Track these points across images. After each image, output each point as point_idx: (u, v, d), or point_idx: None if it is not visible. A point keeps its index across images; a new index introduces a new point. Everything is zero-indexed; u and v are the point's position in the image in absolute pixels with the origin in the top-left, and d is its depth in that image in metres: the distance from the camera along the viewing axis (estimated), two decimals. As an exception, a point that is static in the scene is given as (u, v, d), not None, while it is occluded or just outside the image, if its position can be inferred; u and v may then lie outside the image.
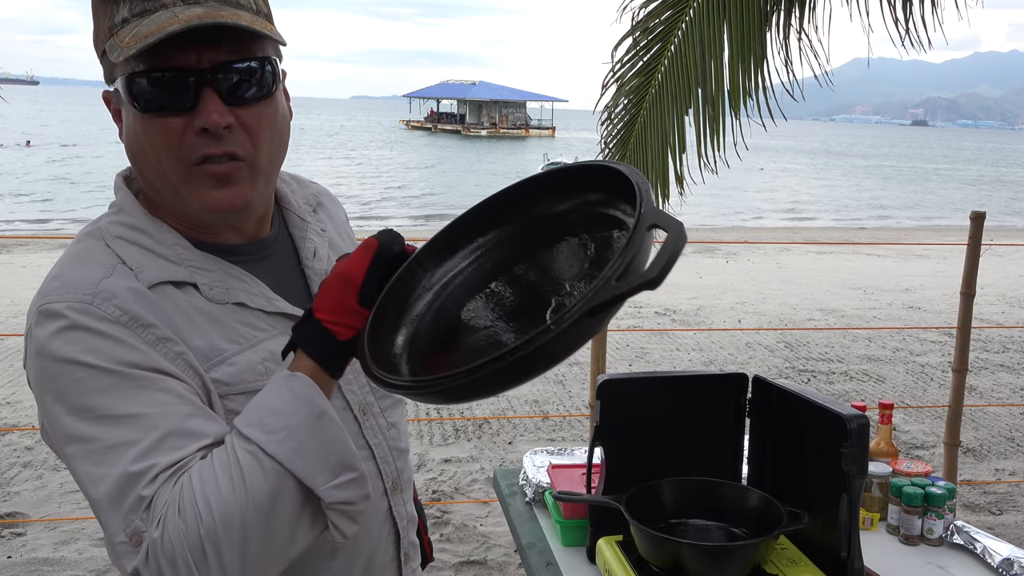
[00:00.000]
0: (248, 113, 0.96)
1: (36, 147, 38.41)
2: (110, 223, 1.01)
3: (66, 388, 0.90)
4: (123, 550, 0.87)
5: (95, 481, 0.88)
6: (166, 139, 0.94)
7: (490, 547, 3.73)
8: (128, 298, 0.93)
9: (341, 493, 0.90)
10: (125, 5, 0.93)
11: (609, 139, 4.56)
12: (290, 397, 0.89)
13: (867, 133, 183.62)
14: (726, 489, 1.66)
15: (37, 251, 12.18)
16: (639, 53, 4.35)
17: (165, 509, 0.86)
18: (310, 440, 0.88)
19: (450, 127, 74.98)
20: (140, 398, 0.90)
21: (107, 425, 0.88)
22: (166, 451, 0.88)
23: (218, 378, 0.97)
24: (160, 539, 0.85)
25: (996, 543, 1.79)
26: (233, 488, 0.86)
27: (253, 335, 1.01)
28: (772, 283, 10.99)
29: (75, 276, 0.94)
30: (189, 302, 0.98)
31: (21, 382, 6.00)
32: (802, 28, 4.13)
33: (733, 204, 26.24)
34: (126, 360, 0.90)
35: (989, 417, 5.77)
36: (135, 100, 0.94)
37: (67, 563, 3.51)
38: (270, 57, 0.98)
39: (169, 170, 0.96)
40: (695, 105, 4.14)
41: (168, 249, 0.99)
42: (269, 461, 0.87)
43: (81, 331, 0.91)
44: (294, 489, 0.88)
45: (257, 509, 0.86)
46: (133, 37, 0.90)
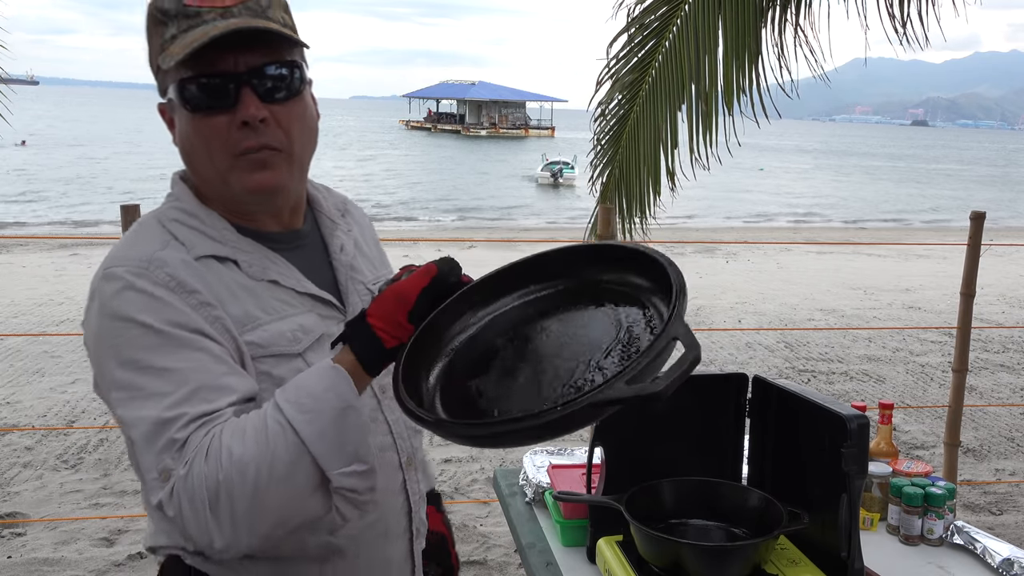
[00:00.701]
0: (281, 109, 1.11)
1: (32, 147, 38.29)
2: (168, 208, 1.18)
3: (118, 341, 1.05)
4: (152, 485, 1.01)
5: (134, 423, 1.02)
6: (213, 134, 1.10)
7: (490, 547, 3.73)
8: (178, 267, 1.08)
9: (349, 480, 1.02)
10: (173, 24, 1.08)
11: (602, 135, 4.55)
12: (327, 385, 1.02)
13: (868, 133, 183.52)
14: (726, 489, 1.66)
15: (37, 251, 12.18)
16: (634, 49, 4.35)
17: (195, 452, 0.98)
18: (333, 428, 1.00)
19: (450, 127, 74.93)
20: (179, 355, 1.03)
21: (148, 376, 1.02)
22: (197, 402, 1.01)
23: (252, 340, 1.11)
24: (184, 477, 0.98)
25: (996, 543, 1.79)
26: (258, 449, 0.98)
27: (284, 309, 1.15)
28: (772, 283, 10.99)
29: (135, 247, 1.10)
30: (230, 276, 1.13)
31: (21, 382, 6.00)
32: (798, 25, 4.12)
33: (733, 204, 26.25)
34: (172, 320, 1.05)
35: (989, 417, 5.77)
36: (185, 103, 1.10)
37: (67, 563, 3.51)
38: (298, 61, 1.14)
39: (217, 161, 1.11)
40: (688, 101, 4.12)
41: (215, 231, 1.15)
42: (294, 436, 0.99)
43: (136, 292, 1.05)
44: (309, 466, 0.99)
45: (272, 473, 0.98)
46: (180, 46, 1.06)
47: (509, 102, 75.61)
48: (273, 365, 1.11)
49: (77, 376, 6.16)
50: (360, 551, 1.21)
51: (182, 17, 1.08)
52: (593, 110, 4.48)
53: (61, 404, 5.55)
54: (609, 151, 4.53)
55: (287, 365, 1.12)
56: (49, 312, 8.12)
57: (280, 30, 1.09)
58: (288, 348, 1.12)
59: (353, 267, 1.28)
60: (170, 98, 1.14)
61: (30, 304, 8.44)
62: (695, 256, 13.26)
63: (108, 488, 4.30)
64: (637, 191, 4.35)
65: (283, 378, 1.09)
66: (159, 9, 1.09)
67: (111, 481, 4.37)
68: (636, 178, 4.34)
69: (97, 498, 4.18)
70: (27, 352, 6.75)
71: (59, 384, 5.97)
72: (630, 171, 4.38)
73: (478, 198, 27.22)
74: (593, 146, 4.62)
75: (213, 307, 1.08)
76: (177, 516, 0.99)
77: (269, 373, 1.11)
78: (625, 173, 4.41)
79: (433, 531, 1.51)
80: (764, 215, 24.88)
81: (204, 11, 1.08)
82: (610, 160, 4.52)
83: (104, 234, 15.05)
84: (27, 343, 6.98)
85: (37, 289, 9.24)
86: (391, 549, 1.27)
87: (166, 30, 1.09)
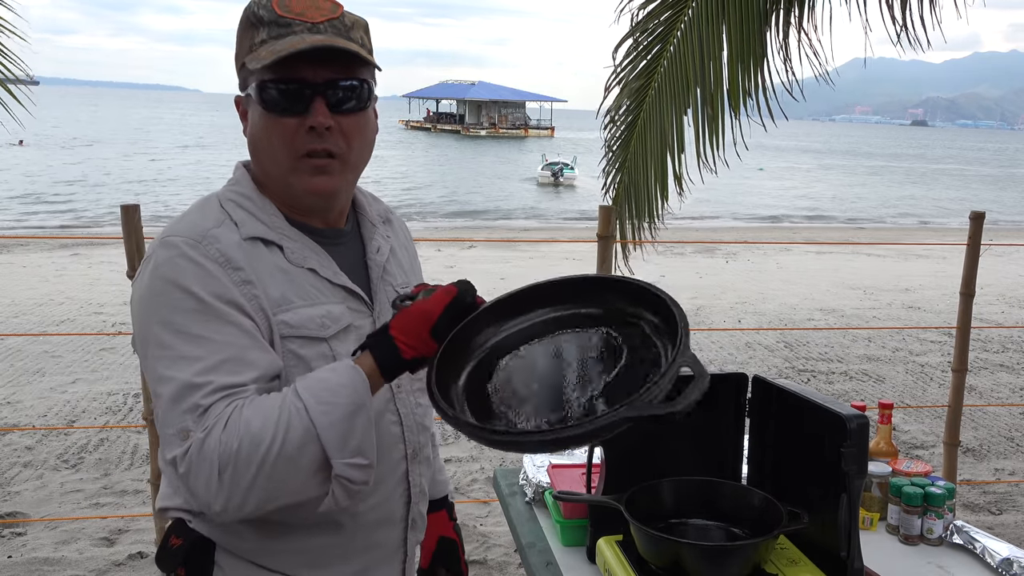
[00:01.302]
0: (346, 120, 1.22)
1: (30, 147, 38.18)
2: (226, 190, 1.28)
3: (164, 302, 1.14)
4: (170, 441, 1.11)
5: (164, 381, 1.12)
6: (283, 134, 1.20)
7: (490, 547, 3.73)
8: (228, 244, 1.18)
9: (348, 471, 1.11)
10: (264, 29, 1.20)
11: (612, 142, 4.56)
12: (345, 382, 1.12)
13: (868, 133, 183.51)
14: (726, 489, 1.66)
15: (37, 251, 12.18)
16: (640, 54, 4.35)
17: (216, 420, 1.08)
18: (343, 422, 1.10)
19: (449, 127, 74.85)
20: (214, 325, 1.13)
21: (184, 340, 1.12)
22: (224, 373, 1.11)
23: (285, 320, 1.20)
24: (202, 441, 1.07)
25: (996, 543, 1.79)
26: (274, 428, 1.07)
27: (317, 296, 1.24)
28: (772, 283, 10.99)
29: (193, 221, 1.21)
30: (272, 259, 1.22)
31: (21, 382, 6.00)
32: (801, 27, 4.12)
33: (733, 204, 26.24)
34: (214, 292, 1.14)
35: (989, 417, 5.78)
36: (263, 102, 1.20)
37: (67, 563, 3.51)
38: (367, 80, 1.25)
39: (282, 159, 1.22)
40: (694, 105, 4.13)
41: (266, 217, 1.25)
42: (308, 421, 1.09)
43: (188, 261, 1.15)
44: (317, 451, 1.09)
45: (281, 451, 1.07)
46: (269, 51, 1.17)
47: (509, 102, 75.52)
48: (300, 346, 1.20)
49: (77, 376, 6.16)
50: (355, 531, 1.29)
51: (274, 25, 1.19)
52: (602, 117, 4.48)
53: (61, 404, 5.55)
54: (620, 157, 4.54)
55: (313, 348, 1.21)
56: (49, 312, 8.12)
57: (357, 51, 1.20)
58: (316, 332, 1.22)
59: (386, 269, 1.37)
60: (248, 94, 1.24)
61: (30, 304, 8.44)
62: (695, 256, 13.27)
63: (108, 488, 4.30)
64: (645, 195, 4.36)
65: (309, 359, 1.21)
66: (254, 14, 1.21)
67: (111, 481, 4.38)
68: (644, 183, 4.35)
69: (97, 498, 4.19)
70: (27, 352, 6.75)
71: (59, 384, 5.97)
72: (638, 176, 4.39)
73: (478, 198, 27.22)
74: (604, 152, 4.62)
75: (253, 285, 1.18)
76: (186, 474, 1.09)
77: (296, 353, 1.20)
78: (634, 176, 4.42)
79: (445, 537, 1.56)
80: (764, 215, 24.87)
81: (295, 24, 1.19)
82: (620, 166, 4.53)
83: (104, 234, 15.04)
84: (27, 343, 6.98)
85: (37, 289, 9.24)
86: (385, 535, 1.34)
87: (257, 34, 1.20)
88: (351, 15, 1.25)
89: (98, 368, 6.39)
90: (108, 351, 6.83)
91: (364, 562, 1.32)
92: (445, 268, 11.38)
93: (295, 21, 1.19)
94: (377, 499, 1.30)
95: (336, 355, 1.22)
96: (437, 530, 1.61)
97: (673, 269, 11.67)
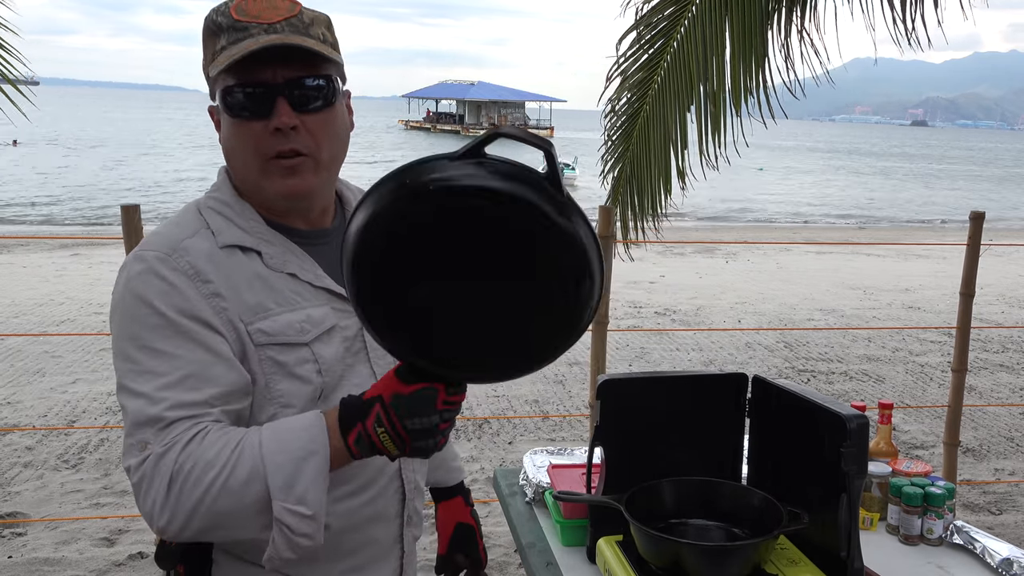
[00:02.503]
0: (312, 119, 1.20)
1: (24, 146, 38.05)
2: (207, 197, 1.28)
3: (130, 316, 1.15)
4: (129, 450, 1.12)
5: (127, 393, 1.13)
6: (249, 138, 1.20)
7: (490, 547, 3.73)
8: (199, 257, 1.18)
9: (288, 517, 1.07)
10: (224, 36, 1.19)
11: (612, 132, 4.56)
12: (305, 426, 1.11)
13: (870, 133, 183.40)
14: (726, 489, 1.66)
15: (37, 251, 12.18)
16: (643, 47, 4.36)
17: (176, 439, 1.08)
18: (291, 464, 1.08)
19: (449, 127, 74.81)
20: (177, 341, 1.13)
21: (147, 355, 1.13)
22: (184, 389, 1.11)
23: (261, 328, 1.19)
24: (159, 456, 1.08)
25: (996, 543, 1.79)
26: (227, 458, 1.07)
27: (297, 301, 1.23)
28: (772, 283, 10.99)
29: (167, 233, 1.21)
30: (250, 265, 1.21)
31: (22, 382, 6.00)
32: (803, 27, 4.13)
33: (733, 204, 26.23)
34: (180, 308, 1.14)
35: (989, 417, 5.78)
36: (228, 108, 1.20)
37: (67, 563, 3.51)
38: (331, 76, 1.23)
39: (251, 163, 1.21)
40: (697, 102, 4.14)
41: (245, 223, 1.24)
42: (258, 458, 1.08)
43: (155, 276, 1.15)
44: (261, 489, 1.07)
45: (227, 482, 1.07)
46: (225, 56, 1.17)
47: (508, 102, 75.53)
48: (279, 352, 1.20)
49: (77, 376, 6.16)
50: (347, 528, 1.28)
51: (232, 30, 1.19)
52: (603, 106, 4.49)
53: (61, 404, 5.55)
54: (619, 148, 4.54)
55: (294, 353, 1.21)
56: (49, 312, 8.12)
57: (314, 47, 1.18)
58: (295, 338, 1.21)
59: None
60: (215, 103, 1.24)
61: (30, 304, 8.44)
62: (695, 256, 13.27)
63: (109, 488, 4.30)
64: (649, 189, 4.37)
65: (289, 365, 1.20)
66: (213, 22, 1.20)
67: (112, 481, 4.38)
68: (647, 177, 4.36)
69: (98, 498, 4.19)
70: (27, 352, 6.75)
71: (59, 384, 5.97)
72: (640, 169, 4.40)
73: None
74: (604, 142, 4.63)
75: (222, 298, 1.17)
76: (138, 484, 1.09)
77: (275, 359, 1.20)
78: (636, 171, 4.43)
79: (462, 523, 1.59)
80: (764, 215, 24.86)
81: (252, 26, 1.18)
82: (620, 157, 4.54)
83: (104, 234, 15.04)
84: (27, 343, 6.98)
85: (37, 289, 9.24)
86: (380, 531, 1.34)
87: (217, 41, 1.20)
88: (310, 12, 1.23)
89: (98, 368, 6.39)
90: (108, 351, 6.80)
91: (358, 559, 1.32)
92: (445, 268, 11.36)
93: (251, 24, 1.18)
94: (370, 495, 1.30)
95: (318, 358, 1.22)
96: (454, 516, 1.64)
97: (673, 269, 11.67)
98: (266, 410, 1.20)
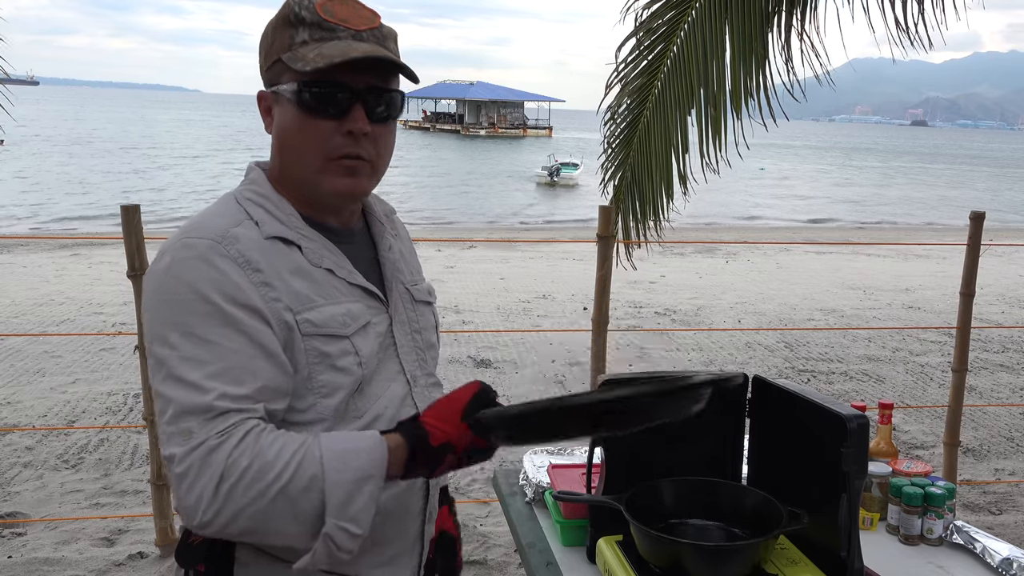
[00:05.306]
0: (380, 128, 1.25)
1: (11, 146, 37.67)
2: (244, 189, 1.28)
3: (175, 302, 1.14)
4: (169, 437, 1.10)
5: (170, 380, 1.12)
6: (316, 135, 1.22)
7: (490, 547, 3.73)
8: (248, 245, 1.18)
9: (338, 533, 1.10)
10: (305, 30, 1.21)
11: (612, 139, 4.56)
12: (367, 448, 1.14)
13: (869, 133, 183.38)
14: (726, 489, 1.66)
15: (37, 251, 12.19)
16: (643, 53, 4.36)
17: (229, 433, 1.09)
18: (351, 484, 1.11)
19: (448, 127, 74.84)
20: (224, 331, 1.13)
21: (193, 342, 1.12)
22: (228, 380, 1.12)
23: (308, 319, 1.20)
24: (212, 448, 1.08)
25: (996, 543, 1.79)
26: (285, 463, 1.09)
27: (337, 295, 1.26)
28: (772, 283, 10.99)
29: (212, 222, 1.20)
30: (293, 258, 1.23)
31: (22, 382, 6.00)
32: (803, 29, 4.13)
33: (733, 204, 26.23)
34: (229, 296, 1.14)
35: (989, 417, 5.77)
36: (301, 103, 1.21)
37: (67, 563, 3.51)
38: (401, 91, 1.29)
39: (311, 159, 1.23)
40: (697, 105, 4.14)
41: (285, 216, 1.25)
42: (319, 469, 1.10)
43: (204, 263, 1.15)
44: (317, 502, 1.10)
45: (285, 487, 1.08)
46: (317, 55, 1.18)
47: (507, 102, 75.48)
48: (324, 343, 1.21)
49: (77, 376, 6.16)
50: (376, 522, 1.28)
51: (316, 28, 1.21)
52: (602, 113, 4.49)
53: (61, 404, 5.55)
54: (620, 154, 4.54)
55: (337, 345, 1.23)
56: (49, 312, 8.12)
57: (403, 64, 1.24)
58: (339, 330, 1.23)
59: (397, 267, 1.39)
60: (277, 91, 1.24)
61: (30, 304, 8.44)
62: (695, 256, 13.27)
63: (108, 488, 4.30)
64: (650, 195, 4.37)
65: (333, 356, 1.22)
66: (295, 14, 1.21)
67: (111, 481, 4.38)
68: (649, 182, 4.36)
69: (97, 498, 4.19)
70: (27, 352, 6.75)
71: (59, 384, 5.97)
72: (642, 175, 4.40)
73: (478, 198, 27.21)
74: (604, 149, 4.63)
75: (272, 287, 1.18)
76: (183, 474, 1.08)
77: (320, 350, 1.21)
78: (638, 176, 4.43)
79: (445, 532, 1.57)
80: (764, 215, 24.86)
81: (339, 29, 1.21)
82: (621, 163, 4.54)
83: (105, 234, 15.05)
84: (27, 343, 6.98)
85: (37, 289, 9.24)
86: (405, 525, 1.35)
87: (296, 33, 1.21)
88: (386, 26, 1.27)
89: (98, 368, 6.39)
90: (108, 351, 6.83)
91: (385, 553, 1.32)
92: (445, 268, 11.38)
93: (339, 27, 1.21)
94: (399, 488, 1.31)
95: (358, 351, 1.24)
96: (439, 524, 1.62)
97: (673, 269, 11.68)
98: (306, 399, 1.21)
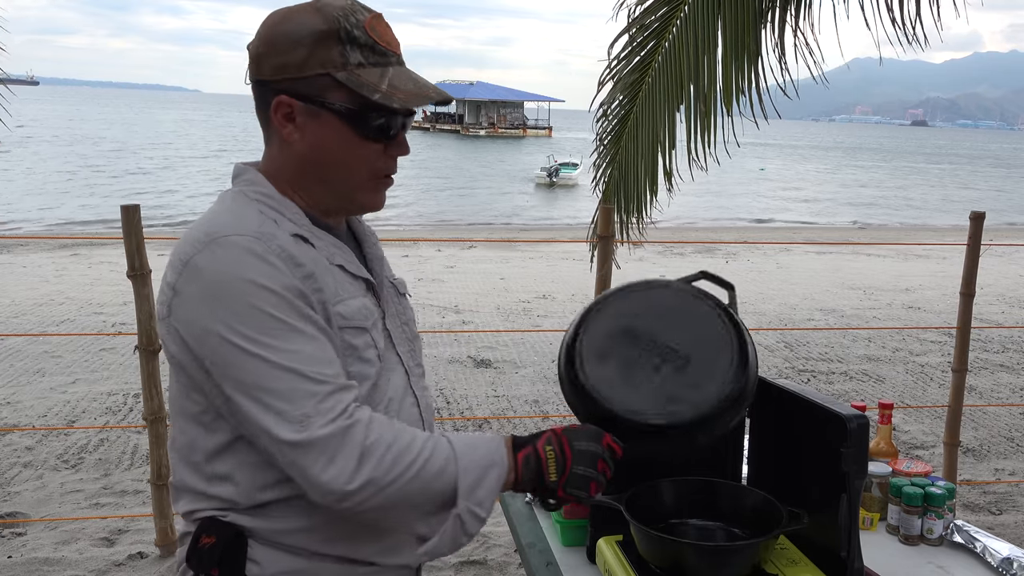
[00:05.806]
0: None
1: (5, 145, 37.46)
2: (249, 190, 1.27)
3: (237, 299, 1.13)
4: (291, 422, 1.12)
5: (261, 372, 1.13)
6: (365, 155, 1.26)
7: (490, 547, 3.73)
8: (286, 240, 1.20)
9: (468, 516, 1.19)
10: (357, 51, 1.22)
11: (604, 136, 4.56)
12: (487, 439, 1.26)
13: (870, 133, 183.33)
14: (726, 489, 1.66)
15: (37, 251, 12.18)
16: (635, 49, 4.35)
17: (355, 415, 1.15)
18: (480, 469, 1.21)
19: (448, 127, 74.81)
20: (297, 322, 1.16)
21: (272, 334, 1.13)
22: (323, 363, 1.16)
23: (340, 312, 1.24)
24: (346, 428, 1.13)
25: (996, 543, 1.79)
26: (421, 446, 1.18)
27: (352, 290, 1.29)
28: (772, 283, 10.99)
29: (238, 220, 1.20)
30: (314, 255, 1.24)
31: (21, 382, 6.00)
32: (798, 26, 4.12)
33: (733, 204, 26.23)
34: (290, 287, 1.16)
35: (989, 417, 5.77)
36: (358, 126, 1.23)
37: (67, 563, 3.51)
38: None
39: (357, 176, 1.28)
40: (687, 101, 4.12)
41: (292, 216, 1.26)
42: (451, 453, 1.20)
43: (256, 258, 1.15)
44: (449, 483, 1.18)
45: (421, 469, 1.17)
46: (397, 91, 1.23)
47: (507, 102, 75.44)
48: (352, 335, 1.24)
49: (77, 376, 6.16)
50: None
51: (370, 51, 1.23)
52: (595, 110, 4.48)
53: (61, 404, 5.55)
54: (611, 151, 4.53)
55: (361, 337, 1.26)
56: (49, 312, 8.12)
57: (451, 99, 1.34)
58: (363, 322, 1.27)
59: (382, 263, 1.44)
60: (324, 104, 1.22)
61: (30, 304, 8.44)
62: (695, 256, 13.27)
63: (108, 488, 4.30)
64: (635, 191, 4.36)
65: (359, 348, 1.25)
66: (346, 32, 1.21)
67: (111, 481, 4.38)
68: (634, 178, 4.35)
69: (97, 498, 4.19)
70: (27, 352, 6.75)
71: (59, 384, 5.97)
72: (629, 171, 4.38)
73: (478, 198, 27.21)
74: (596, 147, 4.62)
75: (314, 280, 1.20)
76: (320, 453, 1.12)
77: (349, 342, 1.24)
78: (624, 173, 4.42)
79: None
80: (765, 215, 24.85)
81: (389, 54, 1.25)
82: (611, 160, 4.53)
83: (105, 234, 15.05)
84: (27, 343, 6.98)
85: (37, 289, 9.24)
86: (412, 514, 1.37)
87: (349, 52, 1.21)
88: None
89: (98, 368, 6.39)
90: (108, 351, 6.83)
91: (392, 540, 1.33)
92: (445, 268, 11.38)
93: (389, 52, 1.25)
94: None
95: (376, 343, 1.28)
96: None
97: (673, 269, 11.67)
98: None
